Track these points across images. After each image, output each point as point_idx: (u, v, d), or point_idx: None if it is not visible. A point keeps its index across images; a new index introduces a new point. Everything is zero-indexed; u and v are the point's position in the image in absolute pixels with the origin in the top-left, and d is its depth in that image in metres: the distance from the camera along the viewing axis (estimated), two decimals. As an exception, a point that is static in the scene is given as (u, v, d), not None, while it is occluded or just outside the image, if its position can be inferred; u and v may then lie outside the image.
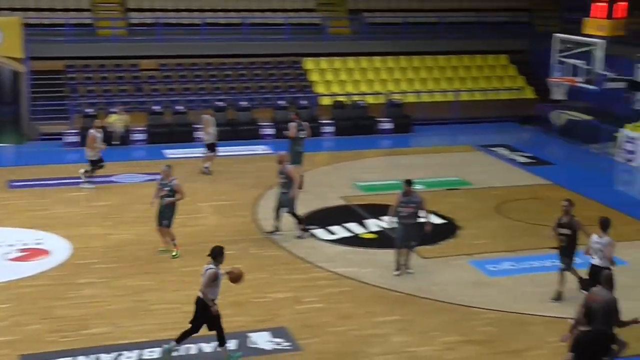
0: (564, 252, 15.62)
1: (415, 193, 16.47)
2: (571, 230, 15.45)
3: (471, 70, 33.28)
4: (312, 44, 32.47)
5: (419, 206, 16.33)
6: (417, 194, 16.52)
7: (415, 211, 16.31)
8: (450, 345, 13.87)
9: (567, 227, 15.47)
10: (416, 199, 16.33)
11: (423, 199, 16.49)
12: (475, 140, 28.84)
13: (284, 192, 18.59)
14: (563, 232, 15.49)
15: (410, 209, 16.28)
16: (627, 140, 26.20)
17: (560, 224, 15.53)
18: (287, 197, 18.57)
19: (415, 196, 16.35)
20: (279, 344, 13.73)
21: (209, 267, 12.92)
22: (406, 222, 16.34)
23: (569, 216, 15.51)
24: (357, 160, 25.67)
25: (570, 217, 15.51)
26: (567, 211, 15.50)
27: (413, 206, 16.28)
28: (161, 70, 30.64)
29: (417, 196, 16.42)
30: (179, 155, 25.85)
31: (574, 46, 22.80)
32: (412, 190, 16.37)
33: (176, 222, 19.37)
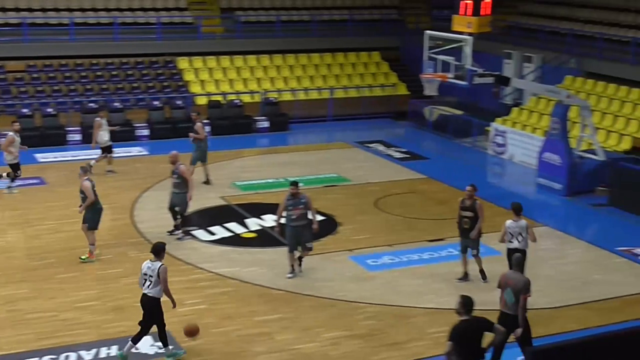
0: (466, 233, 16.25)
1: (302, 193, 16.38)
2: (474, 213, 16.11)
3: (345, 68, 33.62)
4: (186, 43, 32.17)
5: (306, 206, 16.27)
6: (304, 194, 16.43)
7: (304, 212, 16.24)
8: (335, 341, 13.98)
9: (470, 210, 16.14)
10: (303, 199, 16.26)
11: (309, 198, 16.44)
12: (351, 137, 29.18)
13: (177, 192, 18.34)
14: (466, 215, 16.15)
15: (298, 210, 16.18)
16: (497, 133, 27.00)
17: (464, 207, 16.21)
18: (179, 197, 18.31)
19: (302, 196, 16.28)
20: (162, 348, 13.52)
21: (156, 264, 12.77)
22: (297, 224, 16.23)
23: (472, 200, 16.18)
24: (235, 160, 25.59)
25: (473, 200, 16.19)
26: (470, 195, 16.17)
27: (301, 207, 16.19)
28: (29, 72, 29.75)
29: (304, 196, 16.34)
30: (51, 160, 25.17)
31: (444, 43, 23.26)
32: (298, 191, 16.27)
33: (50, 228, 18.94)
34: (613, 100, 26.79)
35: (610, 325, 14.54)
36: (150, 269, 12.82)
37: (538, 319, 15.01)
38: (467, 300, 10.78)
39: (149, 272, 12.82)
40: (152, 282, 12.80)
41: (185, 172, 18.31)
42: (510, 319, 12.26)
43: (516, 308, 12.25)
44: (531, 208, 21.89)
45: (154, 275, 12.79)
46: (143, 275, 12.87)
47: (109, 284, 16.06)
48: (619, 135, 25.05)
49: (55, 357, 13.16)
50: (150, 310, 12.92)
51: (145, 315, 13.01)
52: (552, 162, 22.87)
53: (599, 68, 28.28)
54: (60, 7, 31.85)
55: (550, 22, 31.79)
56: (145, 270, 12.85)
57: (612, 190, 21.89)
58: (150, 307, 12.91)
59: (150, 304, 12.89)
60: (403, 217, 20.47)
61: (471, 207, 16.14)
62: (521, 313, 12.25)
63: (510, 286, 12.29)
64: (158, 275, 12.74)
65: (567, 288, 16.38)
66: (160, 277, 12.74)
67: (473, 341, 10.64)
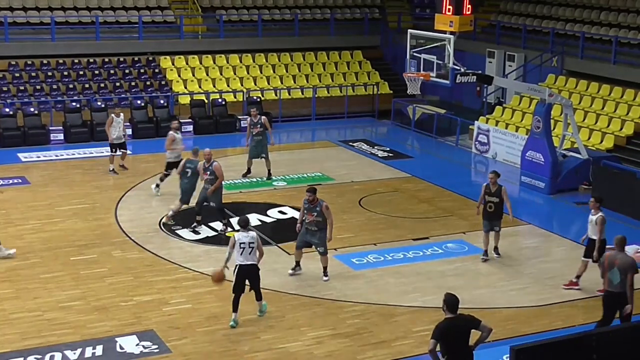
0: (491, 217, 17.42)
1: (319, 200, 16.16)
2: (498, 198, 17.31)
3: (328, 67, 33.61)
4: (168, 42, 32.07)
5: (320, 214, 16.07)
6: (321, 202, 16.17)
7: (319, 219, 16.08)
8: (320, 340, 13.99)
9: (495, 195, 17.33)
10: (318, 208, 16.08)
11: (325, 208, 16.11)
12: (334, 136, 29.19)
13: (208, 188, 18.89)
14: (491, 200, 17.32)
15: (312, 216, 16.09)
16: (480, 132, 27.07)
17: (489, 193, 17.38)
18: (214, 193, 18.88)
19: (318, 204, 16.10)
20: (147, 347, 13.51)
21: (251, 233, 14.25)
22: (309, 227, 16.24)
23: (496, 186, 17.37)
24: (219, 159, 25.39)
25: (498, 186, 17.39)
26: (494, 181, 17.37)
27: (315, 215, 16.07)
28: (10, 72, 29.56)
29: (320, 204, 16.13)
30: (34, 159, 25.03)
31: (426, 42, 23.31)
32: (315, 198, 16.11)
33: (34, 227, 18.86)
34: (595, 98, 26.94)
35: (595, 322, 14.60)
36: (248, 237, 14.10)
37: (523, 317, 15.11)
38: (451, 298, 10.81)
39: (249, 240, 14.08)
40: (253, 248, 14.10)
41: (219, 169, 18.85)
42: (617, 296, 13.36)
43: (622, 286, 13.26)
44: (515, 206, 21.87)
45: (254, 242, 14.11)
46: (241, 245, 14.04)
47: (93, 283, 16.00)
48: (602, 134, 25.19)
49: (40, 357, 13.11)
50: (257, 275, 14.31)
51: (253, 282, 14.34)
52: (535, 161, 22.96)
53: (581, 67, 28.44)
54: (41, 6, 31.68)
55: (532, 21, 31.92)
56: (244, 240, 14.06)
57: (595, 189, 21.99)
58: (256, 273, 14.30)
59: (255, 270, 14.26)
60: (387, 215, 20.50)
61: (497, 193, 17.36)
62: (630, 291, 13.20)
63: (617, 266, 13.28)
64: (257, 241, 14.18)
65: (551, 286, 16.45)
66: (257, 243, 14.11)
67: (458, 339, 10.65)
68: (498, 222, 17.49)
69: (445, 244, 18.52)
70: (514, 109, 28.23)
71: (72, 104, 28.13)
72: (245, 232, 14.22)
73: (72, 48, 30.57)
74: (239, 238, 14.14)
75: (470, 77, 23.13)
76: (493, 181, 17.40)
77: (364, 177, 23.88)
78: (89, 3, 32.34)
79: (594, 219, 15.90)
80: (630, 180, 21.37)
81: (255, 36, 33.25)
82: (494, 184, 17.38)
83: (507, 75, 30.12)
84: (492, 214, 17.37)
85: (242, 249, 14.08)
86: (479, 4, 33.58)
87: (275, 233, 19.13)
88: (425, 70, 22.99)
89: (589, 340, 11.44)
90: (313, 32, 34.56)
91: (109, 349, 13.45)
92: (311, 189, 16.40)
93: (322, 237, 16.28)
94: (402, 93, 29.77)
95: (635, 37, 27.75)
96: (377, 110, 32.20)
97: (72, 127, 27.20)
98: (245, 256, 14.11)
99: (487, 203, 17.39)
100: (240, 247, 14.09)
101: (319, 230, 16.24)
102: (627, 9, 29.39)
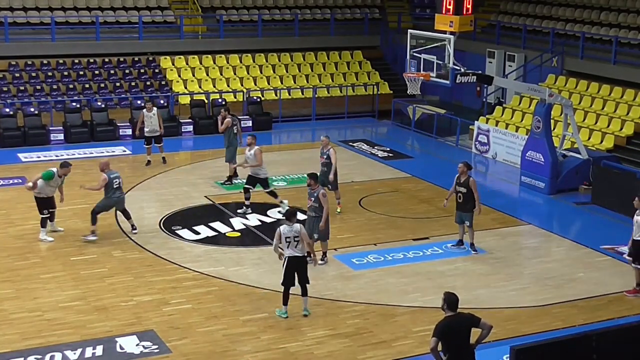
0: (460, 207, 17.86)
1: (318, 187, 16.78)
2: (466, 189, 17.67)
3: (328, 67, 33.60)
4: (168, 42, 32.07)
5: (317, 201, 16.65)
6: (319, 189, 16.74)
7: (316, 205, 16.70)
8: (320, 340, 13.99)
9: (463, 185, 17.72)
10: (316, 194, 16.66)
11: (323, 196, 16.58)
12: (335, 136, 29.10)
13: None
14: (460, 190, 17.75)
15: (310, 201, 16.79)
16: (480, 132, 27.07)
17: (459, 183, 17.77)
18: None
19: (316, 191, 16.69)
20: (147, 348, 13.51)
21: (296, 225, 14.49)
22: (309, 214, 16.96)
23: (465, 176, 17.72)
24: (219, 159, 25.46)
25: (467, 177, 17.71)
26: (463, 172, 17.72)
27: (312, 200, 16.71)
28: (11, 72, 29.56)
29: (318, 191, 16.68)
30: (34, 159, 25.04)
31: (426, 42, 23.31)
32: (313, 184, 16.75)
33: (34, 227, 18.84)
34: (595, 98, 26.94)
35: (595, 323, 14.64)
36: (293, 231, 14.44)
37: (523, 317, 15.11)
38: (451, 297, 10.83)
39: (294, 234, 14.44)
40: (299, 241, 14.45)
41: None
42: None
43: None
44: (515, 207, 22.06)
45: (299, 235, 14.43)
46: (287, 239, 14.41)
47: (93, 283, 16.00)
48: (602, 134, 25.19)
49: (40, 357, 13.11)
50: (305, 267, 14.57)
51: (301, 274, 14.58)
52: (535, 161, 22.96)
53: (581, 67, 28.44)
54: (41, 6, 31.68)
55: (532, 21, 31.93)
56: (289, 234, 14.43)
57: (595, 189, 22.01)
58: (304, 265, 14.58)
59: (303, 261, 14.56)
60: (387, 215, 20.50)
61: (464, 183, 17.69)
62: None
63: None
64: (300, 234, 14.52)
65: (551, 286, 16.45)
66: (302, 233, 14.45)
67: (459, 337, 10.67)
68: (468, 215, 17.76)
69: (445, 244, 18.52)
70: (514, 109, 28.23)
71: (72, 104, 28.14)
72: (290, 225, 14.51)
73: (72, 48, 30.57)
74: (284, 232, 14.50)
75: (470, 77, 23.13)
76: (461, 171, 17.74)
77: (364, 177, 23.88)
78: (89, 3, 32.35)
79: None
80: (630, 180, 21.36)
81: (255, 36, 33.26)
82: (462, 173, 17.72)
83: (507, 75, 30.12)
84: (461, 205, 17.80)
85: (287, 242, 14.49)
86: (479, 4, 33.58)
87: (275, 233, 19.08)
88: (425, 70, 22.99)
89: (589, 340, 11.45)
90: (313, 32, 34.56)
91: (109, 349, 13.45)
92: (311, 174, 17.00)
93: (316, 225, 16.72)
94: (402, 93, 29.78)
95: (635, 37, 27.75)
96: (377, 110, 32.20)
97: (72, 127, 27.20)
98: (293, 249, 14.50)
99: (457, 193, 17.87)
100: (286, 240, 14.49)
101: (316, 217, 16.73)
102: (627, 9, 29.39)
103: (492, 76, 25.06)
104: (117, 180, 18.37)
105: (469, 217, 17.80)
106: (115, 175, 18.40)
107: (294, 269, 14.54)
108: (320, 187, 17.00)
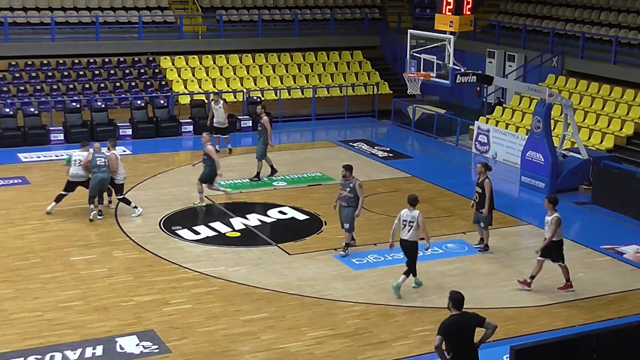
0: (477, 207, 17.99)
1: (353, 179, 17.35)
2: (481, 189, 17.83)
3: (328, 67, 33.60)
4: (168, 42, 32.07)
5: (353, 191, 17.27)
6: (355, 180, 17.35)
7: (350, 196, 17.30)
8: (320, 340, 13.99)
9: (479, 186, 17.94)
10: (352, 184, 17.30)
11: (359, 186, 17.26)
12: (335, 136, 29.20)
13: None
14: (476, 190, 18.00)
15: (345, 192, 17.38)
16: (480, 132, 27.07)
17: (477, 183, 18.06)
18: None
19: (352, 182, 17.32)
20: (147, 348, 13.51)
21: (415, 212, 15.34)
22: (342, 203, 17.51)
23: (483, 176, 17.91)
24: (220, 159, 25.44)
25: (484, 178, 17.85)
26: (481, 172, 17.99)
27: (347, 190, 17.31)
28: (11, 72, 29.56)
29: (354, 182, 17.32)
30: (34, 159, 25.03)
31: (426, 42, 23.31)
32: (348, 174, 17.34)
33: (34, 227, 18.88)
34: (595, 98, 26.94)
35: (595, 323, 14.65)
36: (409, 215, 15.35)
37: (523, 317, 15.11)
38: (457, 295, 10.84)
39: (409, 218, 15.33)
40: (413, 227, 15.31)
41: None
42: None
43: None
44: (515, 207, 22.06)
45: (414, 222, 15.30)
46: (403, 222, 15.39)
47: (93, 283, 16.00)
48: (602, 134, 25.20)
49: (40, 357, 13.11)
50: (411, 250, 15.51)
51: (410, 257, 15.57)
52: (535, 161, 22.96)
53: (581, 67, 28.45)
54: (41, 6, 31.68)
55: (532, 21, 31.93)
56: (405, 218, 15.37)
57: (595, 189, 22.01)
58: (411, 248, 15.47)
59: (411, 246, 15.46)
60: (387, 215, 20.46)
61: (480, 184, 17.89)
62: None
63: None
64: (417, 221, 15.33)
65: (552, 286, 16.44)
66: (419, 220, 15.25)
67: (463, 336, 10.68)
68: (482, 215, 17.88)
69: (445, 244, 18.52)
70: (514, 109, 28.23)
71: (72, 104, 28.13)
72: (410, 210, 15.38)
73: (72, 48, 30.57)
74: (404, 215, 15.47)
75: (470, 77, 23.13)
76: (479, 171, 18.01)
77: (364, 177, 23.73)
78: (89, 3, 32.34)
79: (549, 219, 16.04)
80: (630, 180, 21.37)
81: (255, 36, 33.26)
82: (480, 173, 17.96)
83: (507, 76, 30.12)
84: (477, 205, 17.93)
85: (403, 225, 15.45)
86: (479, 4, 33.59)
87: (275, 233, 19.12)
88: (425, 70, 22.99)
89: (589, 340, 11.46)
90: (313, 32, 34.56)
91: (109, 349, 13.46)
92: (347, 165, 17.62)
93: (349, 213, 17.30)
94: (402, 93, 29.78)
95: (635, 37, 27.75)
96: (377, 111, 32.19)
97: (72, 127, 27.19)
98: (405, 232, 15.46)
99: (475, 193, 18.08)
100: (402, 223, 15.46)
101: (347, 207, 17.33)
102: (627, 9, 29.39)
103: (492, 76, 25.05)
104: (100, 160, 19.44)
105: (482, 218, 17.91)
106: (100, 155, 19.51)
107: (404, 251, 15.63)
108: (356, 178, 17.42)
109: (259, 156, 23.14)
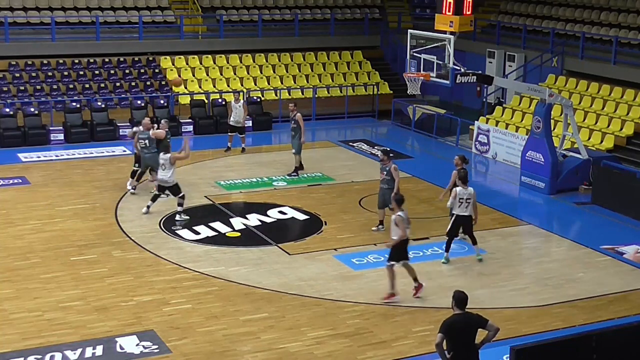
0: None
1: (389, 163, 18.66)
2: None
3: (328, 67, 33.60)
4: (168, 42, 32.07)
5: (389, 174, 18.59)
6: (391, 164, 18.66)
7: (388, 178, 18.64)
8: (320, 340, 13.98)
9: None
10: (387, 168, 18.63)
11: (395, 170, 18.57)
12: (335, 136, 29.19)
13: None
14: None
15: (382, 175, 18.78)
16: (480, 132, 27.06)
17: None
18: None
19: (388, 165, 18.64)
20: (147, 348, 13.51)
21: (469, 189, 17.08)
22: (381, 185, 18.83)
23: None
24: (219, 159, 25.54)
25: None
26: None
27: (384, 174, 18.69)
28: (11, 72, 29.56)
29: (390, 165, 18.62)
30: (34, 159, 25.03)
31: (426, 42, 23.31)
32: (385, 159, 18.74)
33: (34, 227, 18.88)
34: (595, 98, 26.94)
35: (595, 323, 14.65)
36: (466, 193, 16.99)
37: (523, 317, 15.11)
38: (460, 295, 10.84)
39: (466, 196, 16.96)
40: (470, 203, 16.97)
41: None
42: None
43: None
44: (515, 207, 22.06)
45: (471, 198, 16.98)
46: (460, 200, 16.93)
47: (93, 283, 16.00)
48: (602, 134, 25.19)
49: (40, 357, 13.11)
50: (470, 224, 17.24)
51: (466, 229, 17.33)
52: (535, 161, 22.96)
53: (581, 67, 28.45)
54: (41, 6, 31.68)
55: (532, 21, 31.93)
56: (462, 195, 16.95)
57: (595, 189, 22.00)
58: (469, 223, 17.22)
59: (468, 221, 17.18)
60: (387, 215, 20.44)
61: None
62: None
63: None
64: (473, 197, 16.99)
65: (551, 286, 16.45)
66: (473, 196, 17.01)
67: (464, 336, 10.67)
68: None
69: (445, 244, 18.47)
70: (514, 109, 28.23)
71: (72, 104, 28.13)
72: (465, 188, 17.00)
73: (72, 48, 30.57)
74: (460, 193, 16.96)
75: (470, 77, 23.13)
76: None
77: (364, 177, 23.86)
78: (89, 3, 32.35)
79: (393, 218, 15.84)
80: (630, 180, 21.38)
81: (255, 36, 33.26)
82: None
83: (507, 76, 30.12)
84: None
85: (460, 202, 16.94)
86: (479, 4, 33.59)
87: (275, 233, 19.12)
88: (425, 70, 23.00)
89: (589, 340, 11.46)
90: (313, 32, 34.55)
91: (109, 349, 13.46)
92: (383, 150, 19.61)
93: (387, 194, 18.20)
94: (402, 93, 29.77)
95: (635, 37, 27.75)
96: (377, 111, 32.19)
97: (72, 127, 27.20)
98: (462, 209, 17.02)
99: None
100: (459, 200, 16.94)
101: (388, 189, 18.56)
102: (627, 9, 29.39)
103: (492, 76, 25.06)
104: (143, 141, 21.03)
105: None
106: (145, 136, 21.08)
107: (460, 225, 17.19)
108: (393, 160, 18.81)
109: (297, 150, 23.66)
